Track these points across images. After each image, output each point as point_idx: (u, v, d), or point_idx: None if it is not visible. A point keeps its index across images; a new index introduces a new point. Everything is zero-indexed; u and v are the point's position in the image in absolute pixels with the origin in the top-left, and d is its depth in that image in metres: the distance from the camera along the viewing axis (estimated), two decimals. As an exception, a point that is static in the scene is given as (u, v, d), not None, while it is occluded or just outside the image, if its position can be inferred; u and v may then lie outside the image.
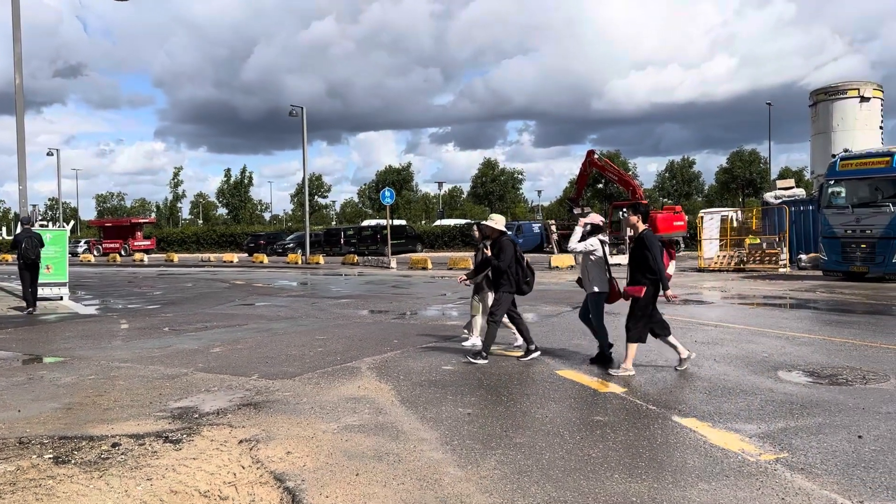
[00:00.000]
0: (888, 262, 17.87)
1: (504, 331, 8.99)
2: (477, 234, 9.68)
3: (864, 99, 27.81)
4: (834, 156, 20.00)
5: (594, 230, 8.44)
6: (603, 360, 8.13)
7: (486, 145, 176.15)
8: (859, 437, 5.18)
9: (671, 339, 7.77)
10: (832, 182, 19.68)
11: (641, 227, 7.73)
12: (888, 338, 9.63)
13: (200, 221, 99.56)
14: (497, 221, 8.80)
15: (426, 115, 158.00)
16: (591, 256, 8.26)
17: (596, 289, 8.24)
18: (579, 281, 8.62)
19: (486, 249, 8.76)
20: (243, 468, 4.75)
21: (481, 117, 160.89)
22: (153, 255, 52.56)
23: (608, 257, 8.41)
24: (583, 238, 8.29)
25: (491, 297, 8.82)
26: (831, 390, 6.67)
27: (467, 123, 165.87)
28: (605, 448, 5.05)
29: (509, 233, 9.15)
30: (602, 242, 8.36)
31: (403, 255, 37.94)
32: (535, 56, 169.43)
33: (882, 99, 28.89)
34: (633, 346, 7.62)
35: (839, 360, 8.07)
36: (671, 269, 7.78)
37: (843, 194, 19.28)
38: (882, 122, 29.28)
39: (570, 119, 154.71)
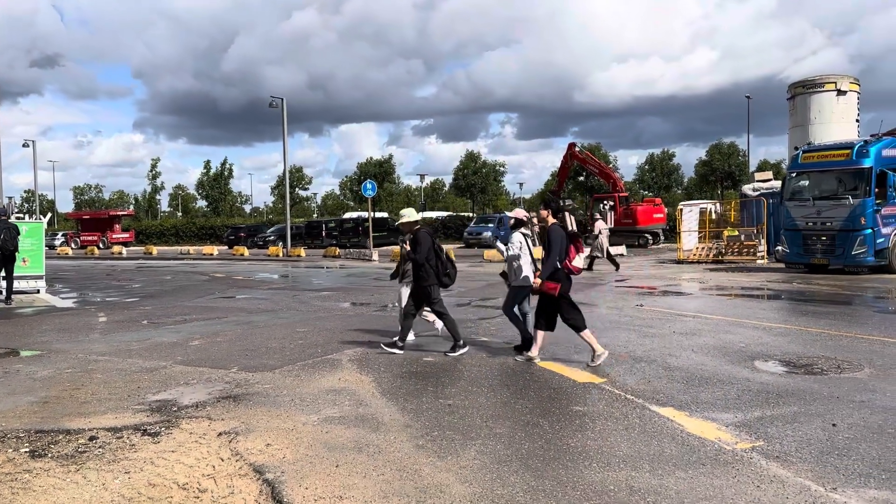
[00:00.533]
0: (847, 255, 17.82)
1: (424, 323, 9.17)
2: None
3: (840, 92, 28.11)
4: (797, 148, 20.10)
5: (517, 224, 8.63)
6: (526, 346, 8.26)
7: (468, 137, 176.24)
8: (833, 425, 5.26)
9: (541, 336, 7.94)
10: (794, 174, 19.68)
11: (551, 221, 7.88)
12: (862, 328, 9.78)
13: (180, 214, 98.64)
14: (408, 215, 8.79)
15: (408, 108, 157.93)
16: (516, 251, 8.40)
17: (521, 282, 8.30)
18: (503, 274, 8.70)
19: (407, 244, 8.70)
20: (222, 460, 4.74)
21: (464, 109, 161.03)
22: (132, 248, 52.00)
23: (531, 250, 8.52)
24: (513, 228, 8.50)
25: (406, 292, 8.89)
26: (806, 380, 6.77)
27: (450, 116, 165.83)
28: (583, 438, 5.09)
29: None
30: (525, 236, 8.46)
31: (385, 248, 37.85)
32: (517, 48, 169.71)
33: (858, 92, 29.22)
34: (588, 333, 7.72)
35: (814, 350, 8.18)
36: (579, 262, 7.88)
37: (804, 187, 19.26)
38: (858, 115, 29.65)
39: (553, 112, 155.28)
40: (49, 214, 43.41)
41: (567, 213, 38.20)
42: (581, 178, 67.82)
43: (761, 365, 7.48)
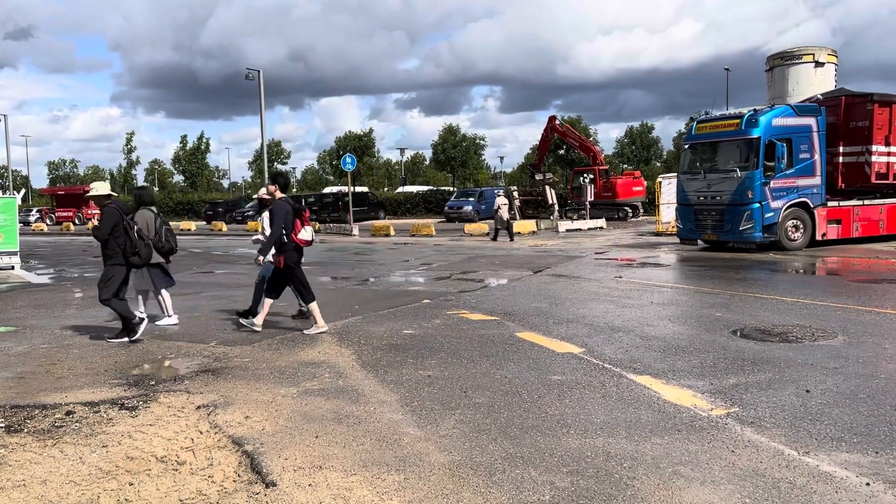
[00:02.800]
0: (735, 230, 17.03)
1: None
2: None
3: (818, 64, 28.15)
4: (692, 119, 19.73)
5: (261, 205, 8.87)
6: (246, 315, 8.66)
7: (451, 111, 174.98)
8: (807, 391, 5.35)
9: (268, 304, 8.21)
10: (686, 147, 19.02)
11: (279, 195, 8.03)
12: (836, 297, 9.93)
13: (156, 189, 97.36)
14: (96, 188, 8.15)
15: (391, 81, 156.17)
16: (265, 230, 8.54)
17: (270, 258, 8.23)
18: (257, 241, 8.93)
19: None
20: (201, 433, 4.72)
21: (446, 83, 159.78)
22: (108, 224, 51.30)
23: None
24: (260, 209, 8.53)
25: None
26: (781, 347, 6.87)
27: (432, 89, 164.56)
28: (562, 406, 5.13)
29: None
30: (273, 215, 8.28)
31: (366, 223, 37.71)
32: (501, 20, 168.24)
33: (836, 64, 29.30)
34: (314, 306, 8.13)
35: (790, 319, 8.30)
36: (305, 234, 8.02)
37: (697, 159, 18.45)
38: (836, 86, 29.80)
39: (536, 84, 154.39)
40: (23, 190, 42.64)
41: (547, 187, 38.41)
42: (561, 152, 67.79)
43: (737, 333, 7.58)
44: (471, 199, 43.19)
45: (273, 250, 8.04)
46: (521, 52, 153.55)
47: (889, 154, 18.11)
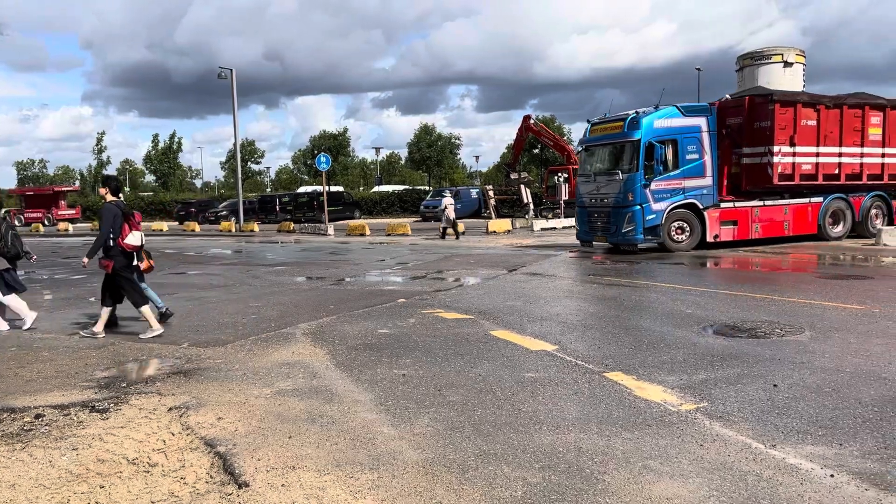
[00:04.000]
0: (619, 232, 17.07)
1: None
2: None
3: (787, 64, 28.56)
4: (588, 121, 19.54)
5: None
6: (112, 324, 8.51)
7: (427, 110, 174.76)
8: (774, 385, 5.45)
9: (106, 311, 8.18)
10: (580, 149, 19.11)
11: (109, 198, 8.04)
12: (804, 294, 10.11)
13: (127, 189, 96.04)
14: None
15: (367, 80, 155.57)
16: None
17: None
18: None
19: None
20: (173, 435, 4.69)
21: (424, 82, 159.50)
22: (78, 225, 50.56)
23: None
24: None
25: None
26: (750, 343, 6.98)
27: (409, 88, 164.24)
28: (534, 403, 5.18)
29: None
30: (101, 218, 8.28)
31: (341, 222, 37.57)
32: (478, 19, 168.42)
33: (804, 64, 29.81)
34: (147, 310, 8.12)
35: (758, 315, 8.43)
36: (133, 239, 7.99)
37: (589, 162, 18.48)
38: (804, 86, 30.30)
39: (513, 84, 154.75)
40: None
41: (522, 186, 38.58)
42: (536, 151, 68.12)
43: (707, 329, 7.69)
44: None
45: (101, 253, 7.96)
46: (497, 52, 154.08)
47: (794, 155, 17.83)
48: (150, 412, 5.20)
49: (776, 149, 17.66)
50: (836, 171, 18.51)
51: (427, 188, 59.74)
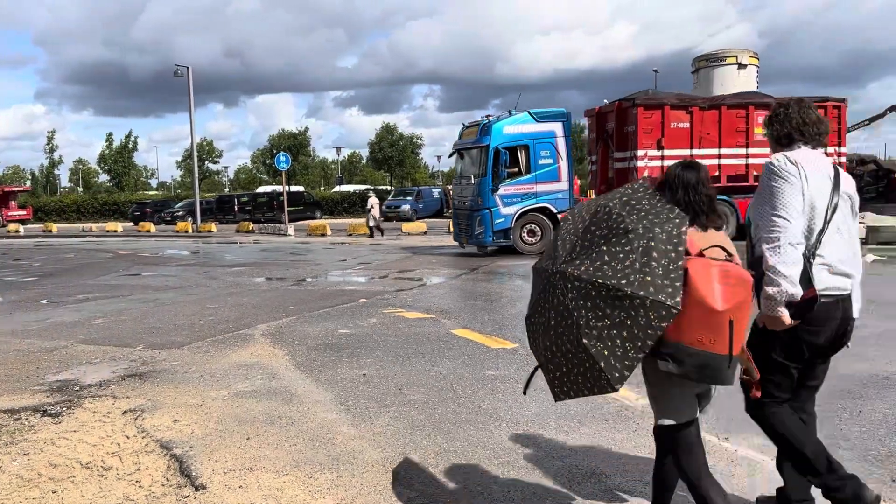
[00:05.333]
0: (473, 235, 17.41)
1: None
2: None
3: (741, 66, 29.21)
4: (463, 124, 19.40)
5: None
6: None
7: (390, 110, 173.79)
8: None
9: None
10: (452, 153, 19.43)
11: None
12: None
13: (81, 189, 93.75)
14: None
15: (330, 78, 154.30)
16: None
17: None
18: None
19: None
20: (128, 438, 4.61)
21: (386, 81, 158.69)
22: (30, 226, 49.11)
23: None
24: None
25: None
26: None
27: (372, 87, 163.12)
28: (495, 400, 5.22)
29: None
30: None
31: (301, 223, 37.21)
32: (441, 18, 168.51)
33: (757, 66, 30.55)
34: None
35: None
36: None
37: (459, 164, 18.98)
38: (757, 88, 31.04)
39: (475, 84, 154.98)
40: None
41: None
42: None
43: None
44: (408, 198, 43.18)
45: None
46: (461, 52, 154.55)
47: (663, 158, 17.81)
48: (104, 415, 5.10)
49: (640, 153, 17.96)
50: (717, 174, 18.30)
51: (389, 188, 59.58)
